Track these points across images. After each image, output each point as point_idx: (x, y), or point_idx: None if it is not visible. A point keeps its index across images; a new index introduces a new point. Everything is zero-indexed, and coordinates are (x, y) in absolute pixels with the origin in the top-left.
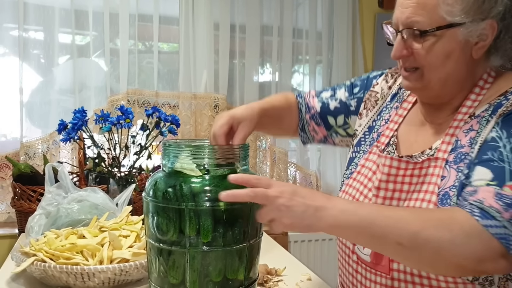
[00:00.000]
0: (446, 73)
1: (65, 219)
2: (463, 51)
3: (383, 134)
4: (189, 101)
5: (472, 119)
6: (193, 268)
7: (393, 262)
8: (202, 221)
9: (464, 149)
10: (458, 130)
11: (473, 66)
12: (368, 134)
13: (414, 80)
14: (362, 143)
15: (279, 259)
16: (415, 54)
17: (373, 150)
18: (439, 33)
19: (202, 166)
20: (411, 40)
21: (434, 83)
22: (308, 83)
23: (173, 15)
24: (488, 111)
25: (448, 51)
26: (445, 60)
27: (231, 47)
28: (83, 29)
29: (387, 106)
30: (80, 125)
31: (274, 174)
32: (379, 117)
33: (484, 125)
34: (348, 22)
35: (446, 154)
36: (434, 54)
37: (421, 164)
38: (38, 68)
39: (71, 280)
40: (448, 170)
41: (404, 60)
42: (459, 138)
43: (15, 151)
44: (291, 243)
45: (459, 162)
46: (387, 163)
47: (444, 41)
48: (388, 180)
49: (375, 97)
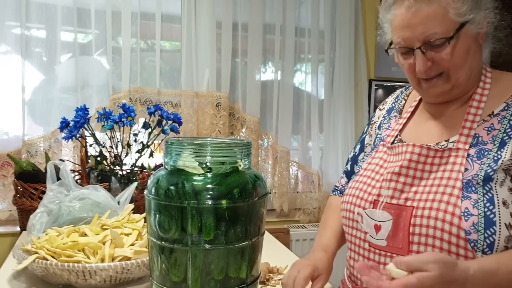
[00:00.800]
0: (469, 67)
1: (66, 217)
2: (476, 42)
3: (388, 135)
4: (191, 100)
5: (491, 117)
6: (195, 266)
7: (412, 244)
8: (204, 219)
9: (487, 146)
10: (475, 124)
11: (481, 54)
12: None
13: (442, 84)
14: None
15: (281, 258)
16: (439, 61)
17: (380, 149)
18: (458, 34)
19: (204, 164)
20: (431, 52)
21: (461, 80)
22: (311, 82)
23: (175, 13)
24: (509, 111)
25: (467, 48)
26: (467, 56)
27: (233, 45)
28: (85, 27)
29: (385, 117)
30: (82, 123)
31: (276, 172)
32: (380, 127)
33: (507, 125)
34: (350, 21)
35: (467, 146)
36: (457, 54)
37: (441, 153)
38: (40, 66)
39: (73, 278)
40: (471, 163)
41: (429, 71)
42: (480, 134)
43: (17, 149)
44: (293, 241)
45: (482, 158)
46: (409, 150)
47: (462, 40)
48: (409, 167)
49: (374, 123)
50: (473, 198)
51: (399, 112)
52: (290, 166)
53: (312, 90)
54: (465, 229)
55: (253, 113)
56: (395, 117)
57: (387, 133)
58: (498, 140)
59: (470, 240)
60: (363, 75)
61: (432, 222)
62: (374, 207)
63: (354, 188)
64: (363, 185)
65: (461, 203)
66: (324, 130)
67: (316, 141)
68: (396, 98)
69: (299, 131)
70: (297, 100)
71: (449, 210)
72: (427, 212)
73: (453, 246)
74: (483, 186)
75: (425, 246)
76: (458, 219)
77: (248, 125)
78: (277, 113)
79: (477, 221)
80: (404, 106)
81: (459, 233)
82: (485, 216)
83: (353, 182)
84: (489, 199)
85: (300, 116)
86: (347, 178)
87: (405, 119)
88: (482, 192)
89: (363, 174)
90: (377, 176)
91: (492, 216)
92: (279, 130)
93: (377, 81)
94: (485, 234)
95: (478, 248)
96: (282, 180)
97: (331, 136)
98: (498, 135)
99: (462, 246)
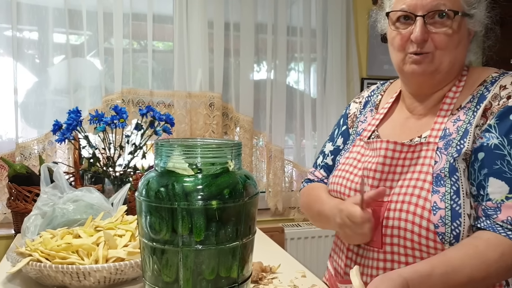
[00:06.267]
0: (455, 57)
1: (60, 219)
2: (467, 39)
3: (364, 129)
4: (184, 100)
5: (459, 110)
6: (186, 267)
7: (386, 236)
8: (194, 220)
9: (452, 136)
10: (446, 119)
11: (467, 52)
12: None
13: (427, 63)
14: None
15: (274, 257)
16: (435, 37)
17: (357, 143)
18: (460, 19)
19: (194, 165)
20: (430, 26)
21: (444, 66)
22: (303, 81)
23: (167, 13)
24: (473, 102)
25: (461, 38)
26: (458, 45)
27: (226, 45)
28: (77, 29)
29: (361, 112)
30: (75, 126)
31: (270, 171)
32: (357, 120)
33: (471, 115)
34: (342, 19)
35: (437, 139)
36: (453, 38)
37: (414, 148)
38: (33, 68)
39: (67, 280)
40: (439, 155)
41: (422, 45)
42: (447, 127)
43: (11, 152)
44: (287, 240)
45: (448, 148)
46: (383, 146)
47: (462, 27)
48: (384, 163)
49: (352, 115)
50: (441, 191)
51: (375, 107)
52: (284, 165)
53: (305, 89)
54: (434, 223)
55: (247, 112)
56: (371, 111)
57: (363, 127)
58: (462, 130)
59: (438, 233)
60: (355, 73)
61: (403, 215)
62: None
63: (335, 183)
64: (342, 180)
65: (431, 197)
66: (317, 128)
67: (309, 140)
68: (372, 92)
69: (293, 130)
70: (290, 99)
71: (420, 204)
72: (399, 205)
73: (423, 239)
74: (450, 178)
75: (398, 238)
76: (428, 213)
77: (242, 124)
78: (271, 112)
79: (444, 214)
80: (381, 101)
81: (428, 226)
82: (452, 209)
83: (333, 177)
84: (456, 190)
85: (294, 115)
86: (327, 172)
87: (382, 114)
88: (449, 184)
89: (341, 169)
90: (355, 170)
91: (458, 208)
92: (272, 129)
93: (369, 80)
94: (451, 226)
95: (446, 240)
96: (277, 179)
97: (324, 135)
98: (462, 126)
99: (431, 238)
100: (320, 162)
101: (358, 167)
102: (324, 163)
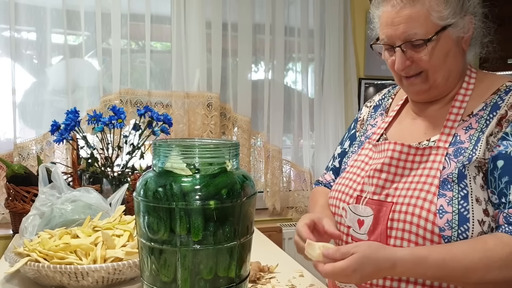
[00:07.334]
0: (448, 69)
1: (59, 219)
2: (457, 46)
3: (374, 133)
4: (182, 100)
5: (470, 117)
6: (184, 266)
7: (390, 238)
8: (192, 220)
9: (464, 144)
10: (456, 123)
11: (464, 57)
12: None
13: (420, 83)
14: (351, 146)
15: (272, 256)
16: (418, 61)
17: (365, 146)
18: (437, 37)
19: (192, 165)
20: (411, 51)
21: (439, 82)
22: (301, 81)
23: (165, 14)
24: (486, 111)
25: (446, 50)
26: (445, 58)
27: (224, 45)
28: (75, 29)
29: (371, 115)
30: (73, 126)
31: (268, 171)
32: (366, 123)
33: (484, 123)
34: (339, 20)
35: (447, 144)
36: (435, 56)
37: (422, 151)
38: (31, 69)
39: (65, 280)
40: (448, 161)
41: (408, 69)
42: (458, 134)
43: (9, 152)
44: (285, 240)
45: (458, 156)
46: (390, 148)
47: (442, 42)
48: (390, 164)
49: (362, 119)
50: (448, 195)
51: (386, 110)
52: (282, 164)
53: (303, 89)
54: (439, 226)
55: (245, 112)
56: (381, 115)
57: (373, 130)
58: (474, 139)
59: (444, 236)
60: (352, 73)
61: (409, 218)
62: (357, 202)
63: (340, 184)
64: (349, 181)
65: (437, 201)
66: (315, 128)
67: (307, 140)
68: (383, 96)
69: (291, 130)
70: (288, 99)
71: (425, 207)
72: (405, 207)
73: (428, 242)
74: (458, 184)
75: (401, 240)
76: (433, 216)
77: (240, 124)
78: (268, 112)
79: (451, 218)
80: (391, 105)
81: (433, 229)
82: (459, 213)
83: (340, 179)
84: (464, 196)
85: (291, 115)
86: (335, 174)
87: (391, 117)
88: (457, 189)
89: (349, 171)
90: (362, 172)
91: (466, 213)
92: (270, 129)
93: (367, 80)
94: (459, 230)
95: None
96: (275, 179)
97: (322, 135)
98: (475, 134)
99: (436, 241)
100: (329, 165)
101: (365, 169)
102: (333, 166)
